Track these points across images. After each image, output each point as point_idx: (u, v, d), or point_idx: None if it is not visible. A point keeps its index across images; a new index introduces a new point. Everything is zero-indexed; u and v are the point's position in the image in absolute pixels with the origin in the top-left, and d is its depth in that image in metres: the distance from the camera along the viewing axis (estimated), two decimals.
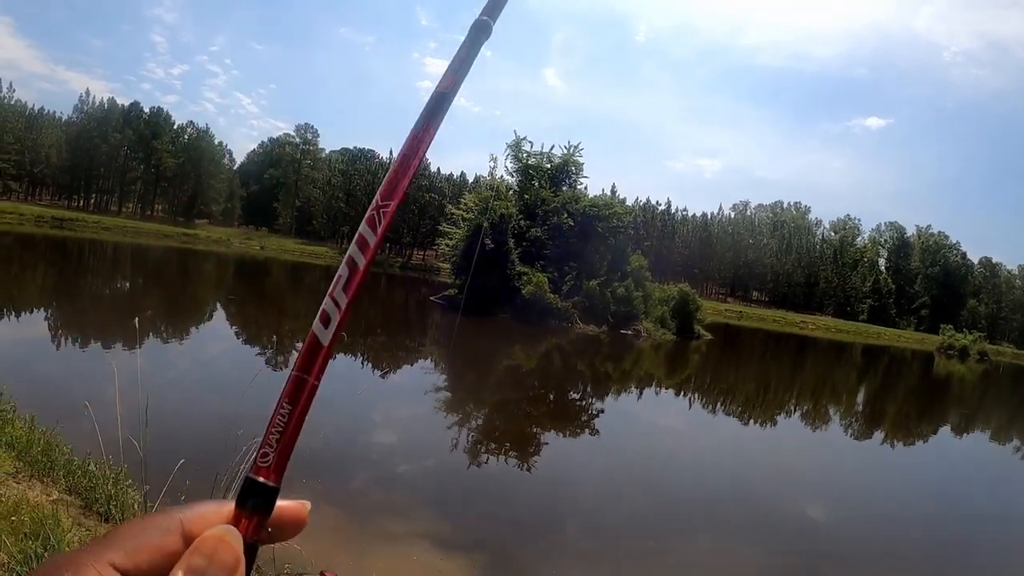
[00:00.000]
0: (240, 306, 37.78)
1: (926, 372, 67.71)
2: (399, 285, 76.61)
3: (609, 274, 48.71)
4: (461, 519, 10.46)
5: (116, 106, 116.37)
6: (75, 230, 77.30)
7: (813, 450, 22.54)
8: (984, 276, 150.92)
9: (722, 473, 16.39)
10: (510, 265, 45.43)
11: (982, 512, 17.10)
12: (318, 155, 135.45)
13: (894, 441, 26.05)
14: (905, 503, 16.52)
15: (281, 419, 0.65)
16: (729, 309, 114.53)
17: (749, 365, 49.69)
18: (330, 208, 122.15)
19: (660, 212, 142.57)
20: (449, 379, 24.44)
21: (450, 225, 51.97)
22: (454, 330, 35.61)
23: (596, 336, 43.35)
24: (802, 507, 14.37)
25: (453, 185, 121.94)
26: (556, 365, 32.18)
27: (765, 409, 29.39)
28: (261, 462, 0.64)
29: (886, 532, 13.35)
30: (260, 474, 0.63)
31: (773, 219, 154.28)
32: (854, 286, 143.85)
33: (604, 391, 27.12)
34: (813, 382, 44.88)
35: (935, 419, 34.72)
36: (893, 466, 21.86)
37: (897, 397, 42.60)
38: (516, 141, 54.12)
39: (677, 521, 12.35)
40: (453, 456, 14.16)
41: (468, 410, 19.53)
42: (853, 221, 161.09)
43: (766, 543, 11.62)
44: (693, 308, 53.01)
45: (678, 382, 33.17)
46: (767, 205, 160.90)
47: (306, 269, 79.96)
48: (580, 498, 12.82)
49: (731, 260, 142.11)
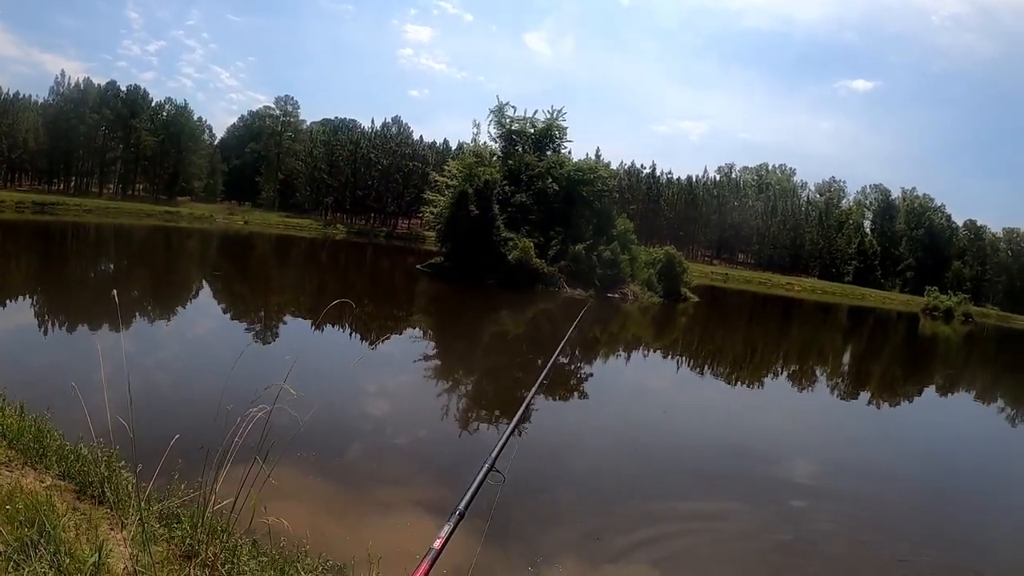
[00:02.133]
0: (225, 281, 37.63)
1: (911, 333, 68.25)
2: (385, 254, 76.42)
3: (595, 238, 48.67)
4: (455, 486, 10.49)
5: (92, 86, 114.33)
6: (57, 214, 76.32)
7: (800, 410, 22.76)
8: (969, 239, 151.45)
9: (710, 433, 16.52)
10: (495, 231, 45.31)
11: (965, 469, 17.36)
12: (299, 127, 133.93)
13: (880, 401, 26.31)
14: (892, 459, 16.73)
15: None
16: (715, 271, 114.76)
17: (736, 327, 50.02)
18: (313, 180, 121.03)
19: (645, 175, 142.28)
20: (438, 347, 24.49)
21: (434, 193, 51.77)
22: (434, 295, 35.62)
23: (583, 300, 43.48)
24: (790, 466, 14.51)
25: (436, 152, 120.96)
26: (544, 330, 32.25)
27: (753, 370, 29.61)
28: None
29: (873, 489, 13.54)
30: None
31: (758, 181, 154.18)
32: (839, 248, 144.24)
33: (592, 355, 27.21)
34: (800, 343, 45.21)
35: (921, 379, 35.07)
36: (879, 425, 22.11)
37: (883, 358, 42.95)
38: (499, 106, 53.76)
39: (668, 483, 12.44)
40: (445, 424, 14.21)
41: (458, 377, 19.59)
42: (838, 183, 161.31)
43: (755, 503, 11.72)
44: (679, 271, 53.07)
45: (666, 344, 33.35)
46: (752, 168, 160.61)
47: (291, 242, 79.72)
48: (572, 461, 12.90)
49: (717, 223, 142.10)
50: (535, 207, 49.19)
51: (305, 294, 35.65)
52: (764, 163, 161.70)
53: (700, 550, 9.52)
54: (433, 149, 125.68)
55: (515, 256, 44.38)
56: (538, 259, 45.40)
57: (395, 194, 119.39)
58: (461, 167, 48.35)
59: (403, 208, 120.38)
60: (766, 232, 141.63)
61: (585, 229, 49.41)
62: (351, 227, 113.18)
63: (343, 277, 50.32)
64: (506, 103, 54.00)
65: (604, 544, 9.19)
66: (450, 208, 46.72)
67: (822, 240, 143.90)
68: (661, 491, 11.91)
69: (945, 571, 10.00)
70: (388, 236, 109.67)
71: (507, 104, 53.99)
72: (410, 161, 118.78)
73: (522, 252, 44.43)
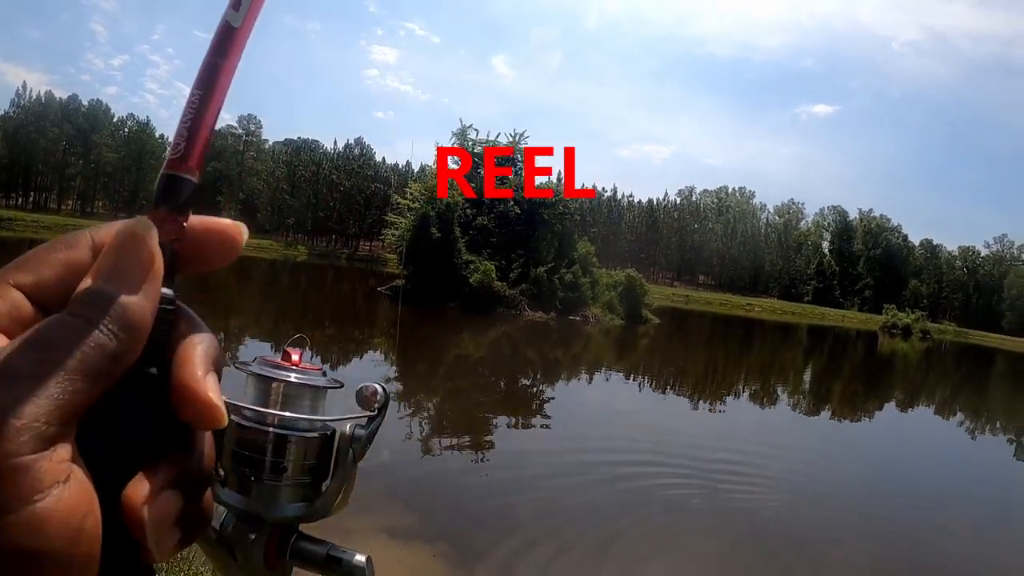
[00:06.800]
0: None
1: (870, 350, 69.13)
2: (346, 276, 75.98)
3: (556, 261, 48.83)
4: (419, 510, 10.43)
5: (54, 99, 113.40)
6: (14, 230, 75.13)
7: (761, 427, 22.89)
8: (925, 257, 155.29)
9: (672, 452, 16.55)
10: (457, 254, 45.27)
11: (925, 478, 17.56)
12: (261, 146, 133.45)
13: (841, 417, 26.62)
14: (854, 474, 16.89)
15: (193, 107, 0.56)
16: (676, 293, 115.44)
17: (698, 348, 50.28)
18: (274, 200, 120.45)
19: (606, 199, 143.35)
20: (399, 369, 24.37)
21: (396, 215, 51.64)
22: (397, 319, 35.45)
23: (545, 323, 43.47)
24: (754, 484, 14.57)
25: (399, 175, 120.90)
26: (506, 352, 32.23)
27: (715, 390, 29.78)
28: (173, 154, 0.55)
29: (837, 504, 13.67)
30: (172, 167, 0.55)
31: (718, 204, 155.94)
32: (798, 269, 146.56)
33: (555, 377, 27.24)
34: (761, 363, 45.59)
35: (880, 395, 35.49)
36: (842, 441, 22.32)
37: (843, 375, 43.46)
38: (462, 129, 53.93)
39: (631, 504, 12.45)
40: (407, 447, 14.11)
41: (419, 400, 19.49)
42: (797, 205, 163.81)
43: (719, 523, 11.77)
44: (640, 293, 53.34)
45: (628, 366, 33.43)
46: (712, 191, 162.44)
47: (252, 263, 78.80)
48: (535, 484, 12.86)
49: (677, 245, 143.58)
50: (497, 230, 49.28)
51: (266, 316, 35.32)
52: (724, 186, 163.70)
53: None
54: (396, 171, 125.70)
55: (476, 279, 44.32)
56: (500, 282, 45.37)
57: (357, 216, 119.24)
58: (423, 189, 48.19)
59: (365, 230, 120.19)
60: (726, 254, 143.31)
61: (547, 252, 49.44)
62: (313, 248, 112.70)
63: (303, 299, 49.95)
64: (469, 125, 54.31)
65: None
66: (412, 230, 46.53)
67: (781, 261, 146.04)
68: (622, 511, 11.91)
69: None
70: (349, 258, 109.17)
71: (470, 127, 54.30)
72: (372, 183, 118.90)
73: (484, 275, 44.39)
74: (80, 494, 0.43)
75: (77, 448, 0.44)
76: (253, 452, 0.69)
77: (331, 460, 0.76)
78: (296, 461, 0.72)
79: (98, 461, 0.45)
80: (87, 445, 0.44)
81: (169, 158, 0.55)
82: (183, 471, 0.48)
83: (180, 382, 0.51)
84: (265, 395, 0.74)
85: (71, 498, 0.42)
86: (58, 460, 0.42)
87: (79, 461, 0.45)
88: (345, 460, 0.76)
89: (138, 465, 0.48)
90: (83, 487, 0.44)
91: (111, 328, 0.47)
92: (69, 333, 0.46)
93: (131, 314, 0.49)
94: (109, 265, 0.50)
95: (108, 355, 0.47)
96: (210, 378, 0.53)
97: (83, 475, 0.44)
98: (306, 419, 0.74)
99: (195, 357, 0.54)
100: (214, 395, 0.51)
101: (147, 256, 0.52)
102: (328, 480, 0.76)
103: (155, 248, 0.52)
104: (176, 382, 0.51)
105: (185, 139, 0.55)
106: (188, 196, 0.56)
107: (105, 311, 0.48)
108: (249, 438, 0.70)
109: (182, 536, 0.51)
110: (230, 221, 0.60)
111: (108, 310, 0.48)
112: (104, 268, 0.50)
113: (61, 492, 0.42)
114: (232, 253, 0.62)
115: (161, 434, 0.50)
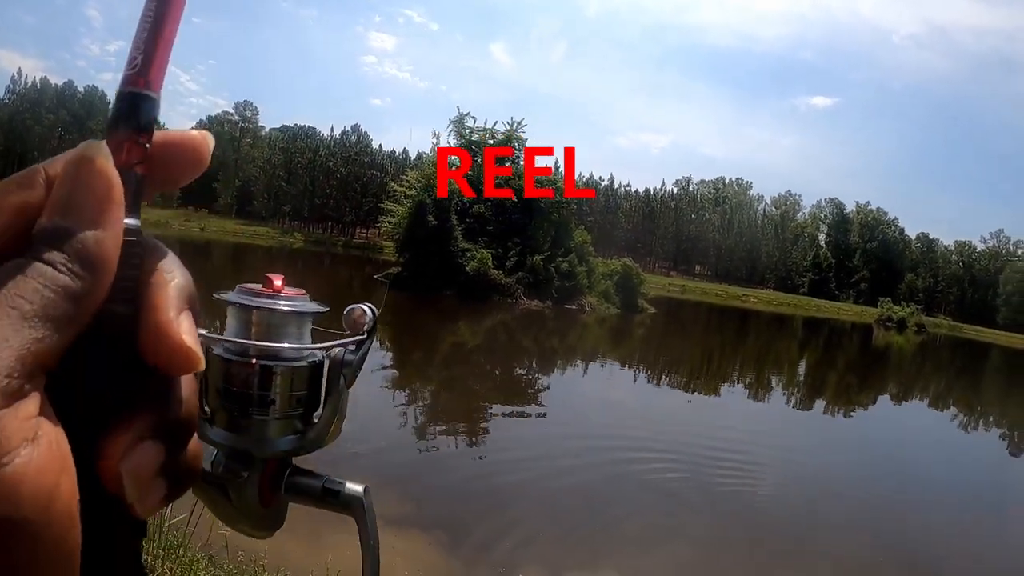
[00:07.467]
0: None
1: (866, 343, 69.27)
2: (342, 264, 75.78)
3: (553, 249, 48.76)
4: (415, 498, 10.41)
5: (49, 86, 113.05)
6: None
7: (755, 417, 22.91)
8: (921, 251, 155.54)
9: (667, 440, 16.57)
10: (453, 242, 45.24)
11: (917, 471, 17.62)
12: (258, 133, 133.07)
13: (835, 409, 26.68)
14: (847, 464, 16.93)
15: (149, 15, 0.49)
16: (672, 283, 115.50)
17: (693, 337, 50.31)
18: (271, 187, 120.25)
19: (603, 188, 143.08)
20: (395, 357, 24.35)
21: (393, 203, 51.49)
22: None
23: (541, 311, 43.44)
24: (748, 472, 14.60)
25: (396, 162, 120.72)
26: (501, 341, 32.22)
27: (709, 380, 29.81)
28: (130, 69, 0.49)
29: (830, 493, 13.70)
30: (129, 83, 0.48)
31: (715, 195, 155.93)
32: (795, 260, 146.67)
33: (550, 366, 27.26)
34: (756, 353, 45.65)
35: (875, 388, 35.55)
36: (836, 433, 22.40)
37: (838, 367, 43.51)
38: (459, 117, 53.70)
39: (627, 492, 12.46)
40: (402, 434, 14.12)
41: (416, 388, 19.49)
42: (794, 197, 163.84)
43: (713, 511, 11.79)
44: (636, 282, 53.40)
45: (623, 355, 33.44)
46: (709, 181, 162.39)
47: (248, 250, 78.83)
48: (531, 472, 12.86)
49: (674, 235, 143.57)
50: (493, 218, 49.22)
51: None
52: (721, 176, 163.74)
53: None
54: (392, 159, 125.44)
55: (473, 267, 44.32)
56: (496, 270, 45.38)
57: (353, 203, 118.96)
58: (420, 177, 48.21)
59: (361, 217, 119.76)
60: (723, 244, 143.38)
61: (543, 240, 49.39)
62: (309, 236, 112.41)
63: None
64: (467, 113, 54.09)
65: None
66: (408, 218, 46.46)
67: (778, 252, 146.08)
68: (618, 500, 11.93)
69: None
70: (346, 246, 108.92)
71: (467, 114, 54.11)
72: (369, 170, 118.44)
73: (480, 263, 44.38)
74: (52, 452, 0.39)
75: (49, 401, 0.39)
76: (239, 387, 0.66)
77: (321, 389, 0.73)
78: (284, 392, 0.69)
79: (68, 414, 0.40)
80: (55, 397, 0.40)
81: (126, 74, 0.49)
82: (162, 418, 0.44)
83: (150, 324, 0.46)
84: (247, 325, 0.71)
85: (41, 457, 0.38)
86: (24, 416, 0.38)
87: (50, 415, 0.40)
88: (336, 387, 0.74)
89: (112, 415, 0.43)
90: (55, 444, 0.40)
91: (71, 267, 0.42)
92: (26, 277, 0.40)
93: (92, 249, 0.43)
94: (62, 198, 0.44)
95: (71, 297, 0.41)
96: (184, 318, 0.47)
97: (53, 430, 0.40)
98: (292, 347, 0.70)
99: (166, 295, 0.47)
100: (188, 337, 0.46)
101: (104, 183, 0.44)
102: (320, 409, 0.74)
103: (111, 173, 0.45)
104: (146, 324, 0.46)
105: (142, 52, 0.49)
106: (151, 115, 0.48)
107: (63, 249, 0.42)
108: (233, 372, 0.67)
109: (169, 488, 0.47)
110: (195, 131, 0.53)
111: (66, 247, 0.42)
112: (57, 202, 0.44)
113: (31, 452, 0.38)
114: (199, 167, 0.53)
115: (135, 381, 0.45)
